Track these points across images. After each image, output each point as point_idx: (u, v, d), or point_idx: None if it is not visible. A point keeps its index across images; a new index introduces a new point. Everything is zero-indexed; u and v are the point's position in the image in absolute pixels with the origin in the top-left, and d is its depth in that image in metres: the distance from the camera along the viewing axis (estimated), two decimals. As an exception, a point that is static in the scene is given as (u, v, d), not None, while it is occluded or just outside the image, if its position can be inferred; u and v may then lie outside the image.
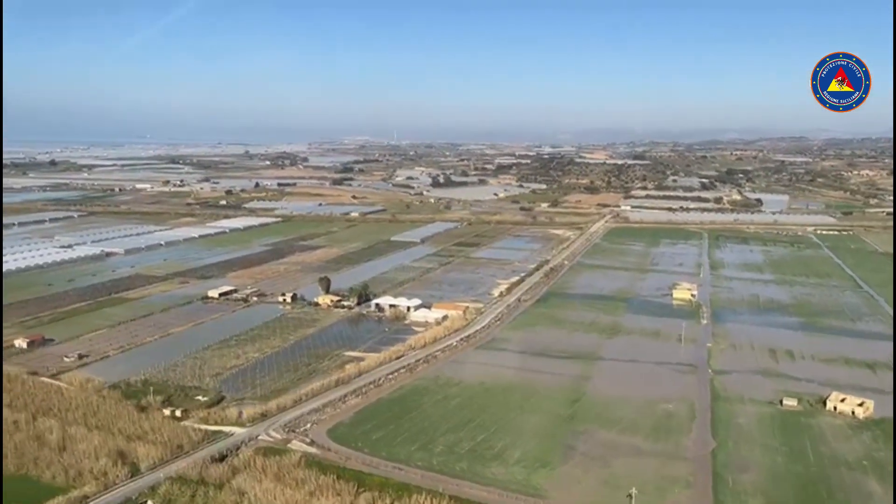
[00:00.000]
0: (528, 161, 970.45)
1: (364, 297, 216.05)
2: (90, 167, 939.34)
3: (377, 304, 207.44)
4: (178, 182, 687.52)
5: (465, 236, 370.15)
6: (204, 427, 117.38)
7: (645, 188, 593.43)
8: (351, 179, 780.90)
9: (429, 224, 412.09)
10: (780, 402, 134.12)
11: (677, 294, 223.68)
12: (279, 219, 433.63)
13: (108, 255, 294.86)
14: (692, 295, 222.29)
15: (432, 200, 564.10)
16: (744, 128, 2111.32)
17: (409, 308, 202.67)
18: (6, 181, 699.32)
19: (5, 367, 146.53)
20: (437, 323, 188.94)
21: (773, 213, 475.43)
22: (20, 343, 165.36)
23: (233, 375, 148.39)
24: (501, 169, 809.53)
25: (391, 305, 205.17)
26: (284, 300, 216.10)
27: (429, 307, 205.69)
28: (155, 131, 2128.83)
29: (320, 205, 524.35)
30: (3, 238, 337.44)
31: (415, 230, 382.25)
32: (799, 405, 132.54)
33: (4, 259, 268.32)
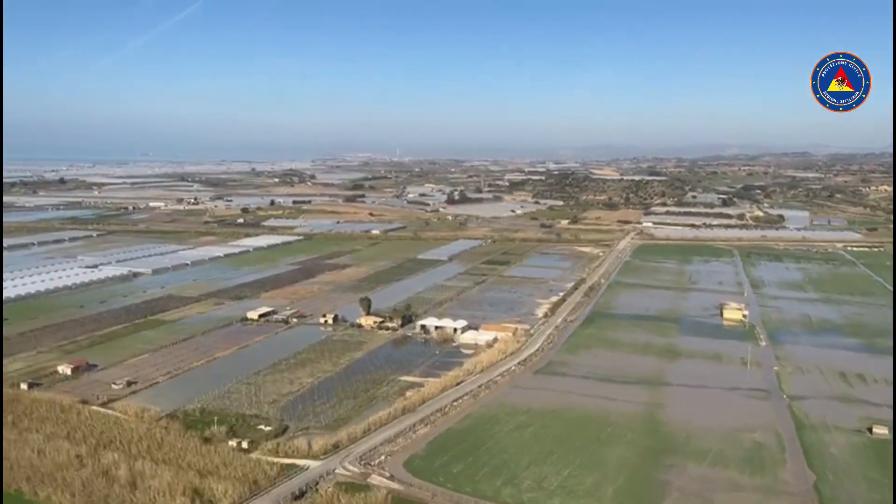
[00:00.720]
0: (540, 177, 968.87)
1: (407, 318, 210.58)
2: (100, 185, 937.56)
3: (422, 326, 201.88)
4: (192, 200, 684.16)
5: (492, 254, 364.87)
6: (275, 460, 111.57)
7: (664, 204, 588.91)
8: (363, 196, 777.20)
9: (452, 242, 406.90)
10: (870, 430, 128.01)
11: (728, 314, 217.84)
12: (301, 237, 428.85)
13: (136, 275, 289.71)
14: (743, 315, 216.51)
15: (450, 217, 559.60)
16: (744, 143, 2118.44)
17: (455, 329, 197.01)
18: (17, 200, 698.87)
19: (54, 395, 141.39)
20: (488, 345, 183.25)
21: (798, 230, 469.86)
22: (64, 369, 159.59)
23: (290, 402, 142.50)
24: (514, 185, 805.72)
25: (437, 327, 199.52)
26: (326, 321, 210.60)
27: (475, 328, 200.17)
28: (156, 149, 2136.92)
29: (338, 222, 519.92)
30: (25, 258, 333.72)
31: (440, 248, 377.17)
32: (890, 433, 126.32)
33: (32, 280, 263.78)
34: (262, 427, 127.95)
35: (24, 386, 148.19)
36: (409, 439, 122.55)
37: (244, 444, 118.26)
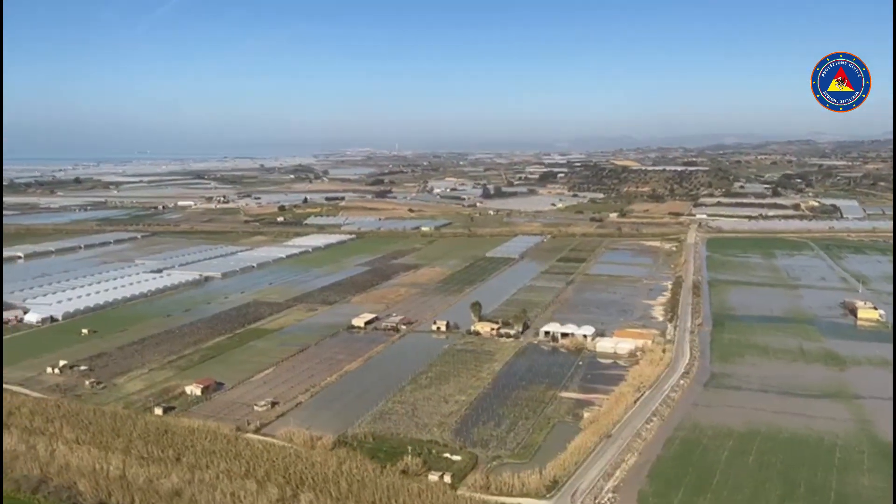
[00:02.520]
0: (562, 170, 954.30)
1: (524, 324, 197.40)
2: (117, 184, 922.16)
3: (546, 332, 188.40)
4: (222, 198, 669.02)
5: (561, 251, 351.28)
6: (495, 499, 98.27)
7: (712, 195, 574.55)
8: (390, 192, 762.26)
9: (512, 238, 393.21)
10: None
11: (863, 314, 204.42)
12: (352, 235, 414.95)
13: (207, 279, 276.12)
14: (880, 315, 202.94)
15: (491, 212, 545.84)
16: (742, 133, 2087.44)
17: (585, 336, 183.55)
18: (39, 200, 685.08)
19: (197, 421, 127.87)
20: (631, 355, 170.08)
21: (859, 220, 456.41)
22: (193, 389, 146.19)
23: (458, 424, 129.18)
24: (544, 178, 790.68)
25: (563, 334, 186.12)
26: (438, 328, 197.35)
27: (602, 335, 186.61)
28: (154, 147, 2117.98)
29: (381, 219, 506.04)
30: (78, 263, 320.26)
31: (502, 245, 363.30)
32: None
33: (104, 287, 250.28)
34: (449, 455, 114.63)
35: (158, 411, 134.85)
36: (623, 471, 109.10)
37: (446, 479, 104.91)
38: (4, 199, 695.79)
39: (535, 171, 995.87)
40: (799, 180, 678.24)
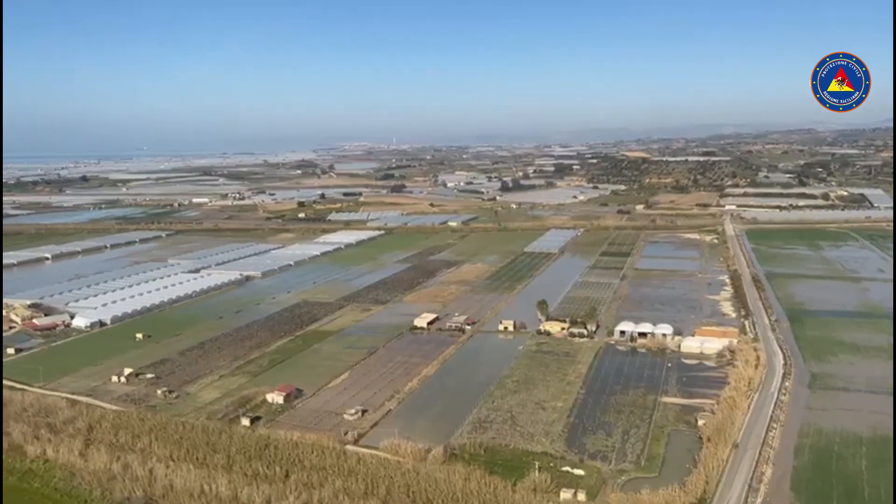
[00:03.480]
0: (573, 161, 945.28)
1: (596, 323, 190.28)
2: (124, 182, 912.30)
3: (623, 332, 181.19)
4: (237, 195, 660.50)
5: (599, 244, 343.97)
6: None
7: (737, 185, 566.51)
8: (404, 186, 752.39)
9: (545, 232, 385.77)
10: None
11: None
12: (381, 231, 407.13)
13: (248, 278, 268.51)
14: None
15: (513, 206, 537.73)
16: (738, 123, 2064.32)
17: (664, 336, 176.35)
18: (50, 199, 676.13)
19: (294, 433, 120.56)
20: (719, 355, 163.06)
21: (889, 209, 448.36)
22: (274, 397, 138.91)
23: (565, 434, 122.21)
24: (559, 171, 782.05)
25: (641, 333, 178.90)
26: (505, 328, 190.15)
27: (679, 333, 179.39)
28: (150, 144, 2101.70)
29: (403, 214, 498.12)
30: (109, 263, 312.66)
31: (538, 240, 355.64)
32: None
33: (147, 289, 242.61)
34: (570, 469, 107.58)
35: (245, 421, 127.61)
36: (765, 485, 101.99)
37: (580, 497, 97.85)
38: (14, 198, 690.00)
39: (546, 164, 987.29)
40: (819, 169, 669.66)
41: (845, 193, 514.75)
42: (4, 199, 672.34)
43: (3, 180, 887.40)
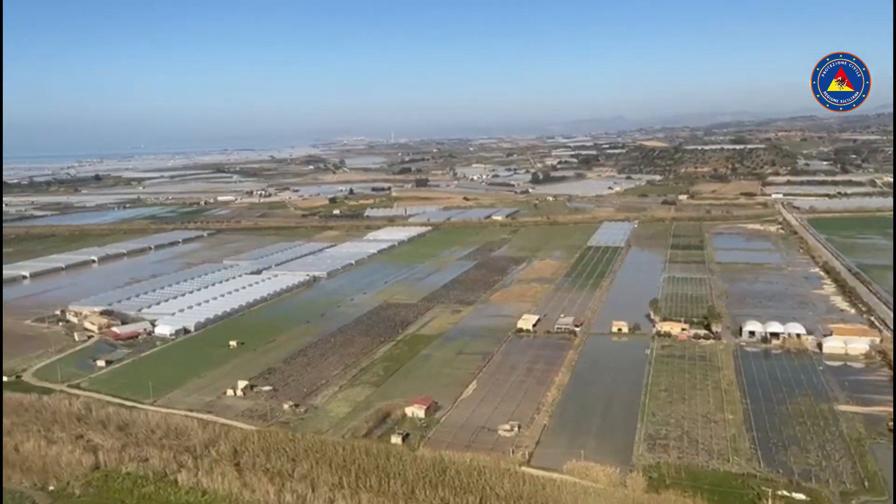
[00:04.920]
0: (590, 152, 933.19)
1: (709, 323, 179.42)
2: (139, 180, 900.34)
3: (752, 332, 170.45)
4: (262, 192, 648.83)
5: (663, 237, 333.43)
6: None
7: (777, 174, 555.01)
8: (427, 181, 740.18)
9: (600, 225, 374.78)
10: None
11: None
12: (428, 227, 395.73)
13: (315, 279, 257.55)
14: None
15: (550, 199, 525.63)
16: (735, 111, 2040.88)
17: (798, 336, 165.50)
18: (69, 199, 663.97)
19: (468, 454, 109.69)
20: (866, 356, 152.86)
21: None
22: (414, 411, 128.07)
23: (757, 452, 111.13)
24: (584, 162, 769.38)
25: (773, 333, 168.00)
26: (619, 330, 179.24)
27: (811, 333, 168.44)
28: (148, 142, 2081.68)
29: (440, 209, 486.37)
30: (160, 266, 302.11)
31: (597, 234, 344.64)
32: None
33: (219, 293, 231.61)
34: (787, 493, 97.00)
35: (395, 439, 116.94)
36: None
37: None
38: (32, 198, 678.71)
39: (564, 155, 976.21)
40: (853, 156, 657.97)
41: (891, 180, 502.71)
42: (22, 200, 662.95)
43: (15, 181, 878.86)
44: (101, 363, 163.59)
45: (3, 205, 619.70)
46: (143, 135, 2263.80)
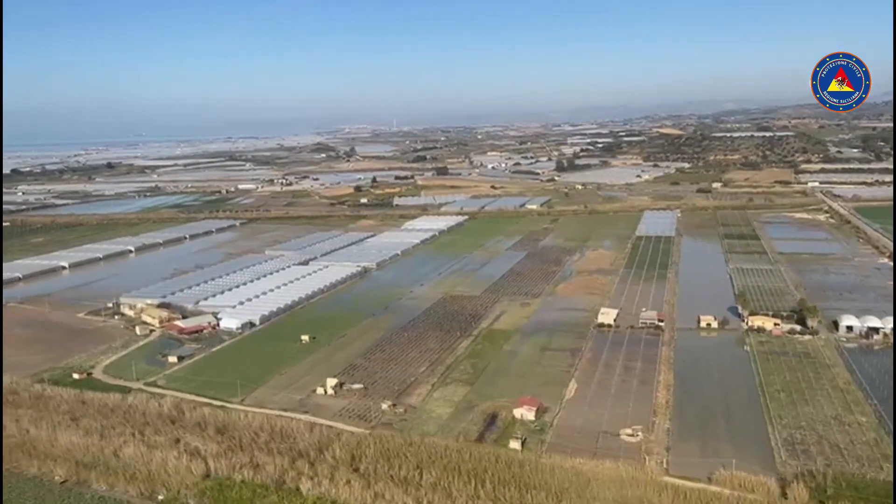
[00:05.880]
0: (607, 139, 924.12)
1: (801, 317, 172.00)
2: (153, 168, 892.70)
3: (849, 328, 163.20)
4: (283, 180, 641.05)
5: (710, 226, 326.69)
6: None
7: (809, 161, 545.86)
8: (447, 169, 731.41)
9: (641, 214, 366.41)
10: None
11: None
12: (464, 216, 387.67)
13: (366, 270, 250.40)
14: None
15: (578, 187, 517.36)
16: (738, 98, 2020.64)
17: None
18: (85, 187, 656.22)
19: (601, 462, 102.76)
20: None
21: None
22: (524, 413, 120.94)
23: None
24: (607, 149, 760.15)
25: (872, 328, 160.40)
26: (708, 325, 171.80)
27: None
28: (149, 130, 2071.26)
29: (469, 197, 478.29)
30: (203, 255, 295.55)
31: (643, 223, 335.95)
32: None
33: (277, 286, 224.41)
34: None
35: (514, 444, 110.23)
36: None
37: None
38: (48, 186, 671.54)
39: (580, 143, 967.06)
40: (881, 143, 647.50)
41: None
42: (38, 188, 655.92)
43: (27, 169, 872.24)
44: (172, 359, 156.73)
45: (21, 193, 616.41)
46: (143, 123, 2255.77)
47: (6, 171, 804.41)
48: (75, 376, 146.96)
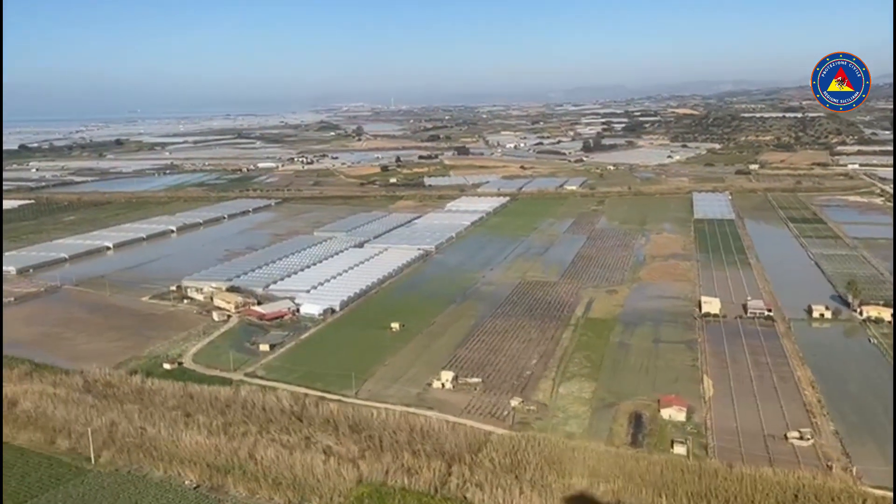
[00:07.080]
0: (621, 120, 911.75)
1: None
2: (162, 145, 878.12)
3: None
4: (304, 159, 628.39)
5: (766, 209, 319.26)
6: None
7: (844, 143, 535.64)
8: (467, 149, 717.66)
9: (691, 196, 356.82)
10: None
11: None
12: (506, 197, 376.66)
13: (427, 254, 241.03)
14: None
15: (611, 167, 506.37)
16: (735, 80, 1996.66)
17: None
18: (96, 164, 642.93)
19: (802, 473, 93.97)
20: None
21: None
22: (673, 414, 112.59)
23: None
24: (630, 129, 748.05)
25: None
26: (821, 315, 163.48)
27: None
28: (144, 107, 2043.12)
29: (502, 178, 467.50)
30: (243, 235, 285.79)
31: (697, 206, 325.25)
32: None
33: (344, 269, 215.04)
34: None
35: (680, 449, 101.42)
36: None
37: None
38: (61, 163, 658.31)
39: (594, 122, 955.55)
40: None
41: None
42: (51, 164, 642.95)
43: (35, 145, 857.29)
44: (264, 347, 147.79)
45: (35, 169, 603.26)
46: (135, 101, 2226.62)
47: (14, 146, 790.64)
48: (166, 366, 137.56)
